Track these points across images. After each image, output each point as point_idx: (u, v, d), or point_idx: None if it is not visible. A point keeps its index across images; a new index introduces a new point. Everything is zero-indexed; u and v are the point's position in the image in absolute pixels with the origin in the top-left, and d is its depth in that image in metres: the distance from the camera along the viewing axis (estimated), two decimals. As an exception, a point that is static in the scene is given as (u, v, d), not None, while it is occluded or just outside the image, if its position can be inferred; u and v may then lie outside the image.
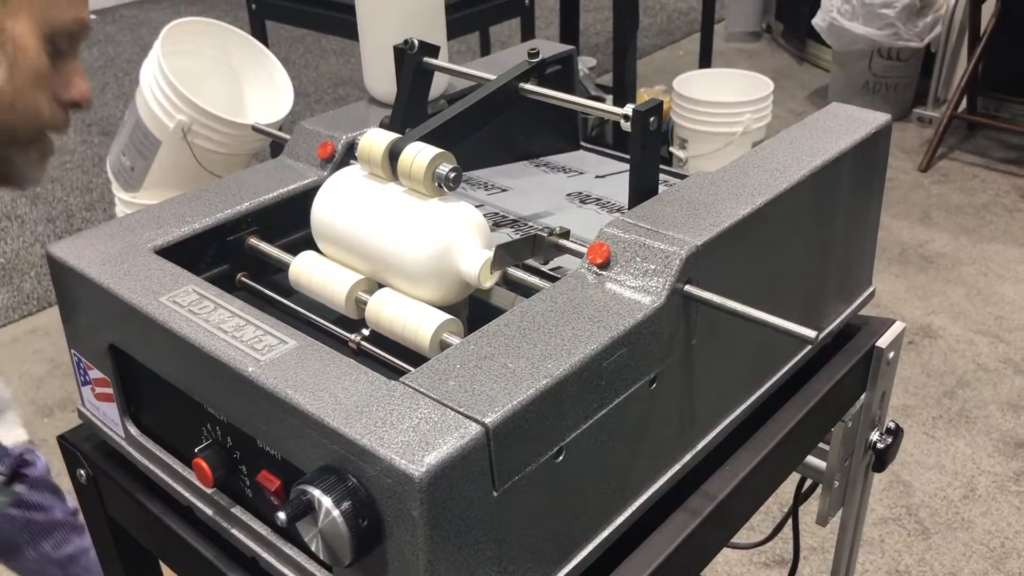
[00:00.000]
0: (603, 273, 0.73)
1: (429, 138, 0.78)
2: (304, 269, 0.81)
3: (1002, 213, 3.15)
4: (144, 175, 2.27)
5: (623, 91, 2.88)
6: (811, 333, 0.66)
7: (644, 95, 3.49)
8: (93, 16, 0.87)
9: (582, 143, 1.19)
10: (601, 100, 3.10)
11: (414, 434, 0.57)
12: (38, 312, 2.83)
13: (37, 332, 2.73)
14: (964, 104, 3.53)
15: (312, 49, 4.88)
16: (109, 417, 0.83)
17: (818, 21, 3.68)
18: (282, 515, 0.57)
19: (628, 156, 1.14)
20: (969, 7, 3.41)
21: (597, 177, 1.09)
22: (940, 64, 3.71)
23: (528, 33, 2.72)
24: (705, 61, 3.77)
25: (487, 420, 0.58)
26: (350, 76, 4.57)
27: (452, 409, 0.59)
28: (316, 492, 0.58)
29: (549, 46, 1.10)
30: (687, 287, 0.71)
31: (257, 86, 2.37)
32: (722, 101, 3.21)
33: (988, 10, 3.39)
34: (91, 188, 3.51)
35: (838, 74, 3.88)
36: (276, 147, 2.93)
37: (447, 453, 0.56)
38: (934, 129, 3.49)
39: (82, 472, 0.89)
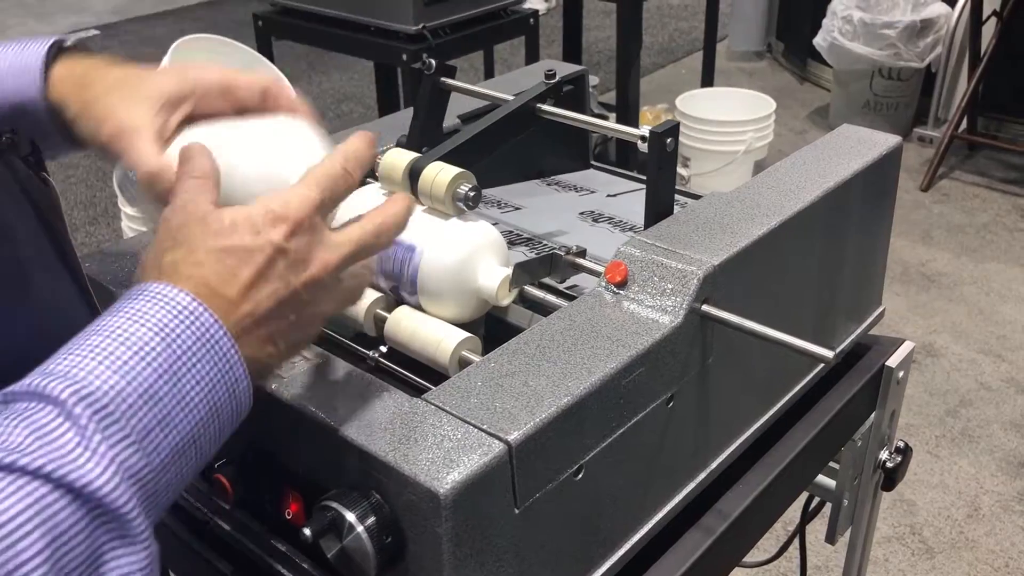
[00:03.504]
0: (621, 292, 0.73)
1: (447, 157, 0.79)
2: (323, 286, 0.81)
3: (1003, 233, 3.17)
4: (150, 190, 2.28)
5: (627, 109, 2.89)
6: (828, 353, 0.66)
7: (647, 113, 3.50)
8: (96, 32, 0.84)
9: (592, 162, 1.20)
10: (604, 118, 3.11)
11: (438, 451, 0.58)
12: (41, 326, 2.84)
13: (40, 346, 2.73)
14: (964, 124, 3.55)
15: (316, 65, 4.90)
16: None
17: (819, 41, 3.71)
18: (307, 531, 0.58)
19: (636, 175, 1.15)
20: (969, 28, 3.44)
21: (608, 196, 1.10)
22: (940, 84, 3.73)
23: (532, 51, 2.73)
24: (707, 80, 3.79)
25: (510, 438, 0.59)
26: (353, 92, 4.59)
27: (475, 427, 0.60)
28: (340, 508, 0.58)
29: (561, 67, 1.11)
30: (704, 307, 0.71)
31: (264, 102, 2.38)
32: (724, 120, 3.23)
33: (988, 31, 3.41)
34: (95, 202, 3.52)
35: (839, 93, 3.91)
36: (281, 163, 2.93)
37: (471, 471, 0.57)
38: (935, 149, 3.51)
39: (97, 487, 0.89)
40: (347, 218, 0.61)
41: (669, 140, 0.77)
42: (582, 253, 0.80)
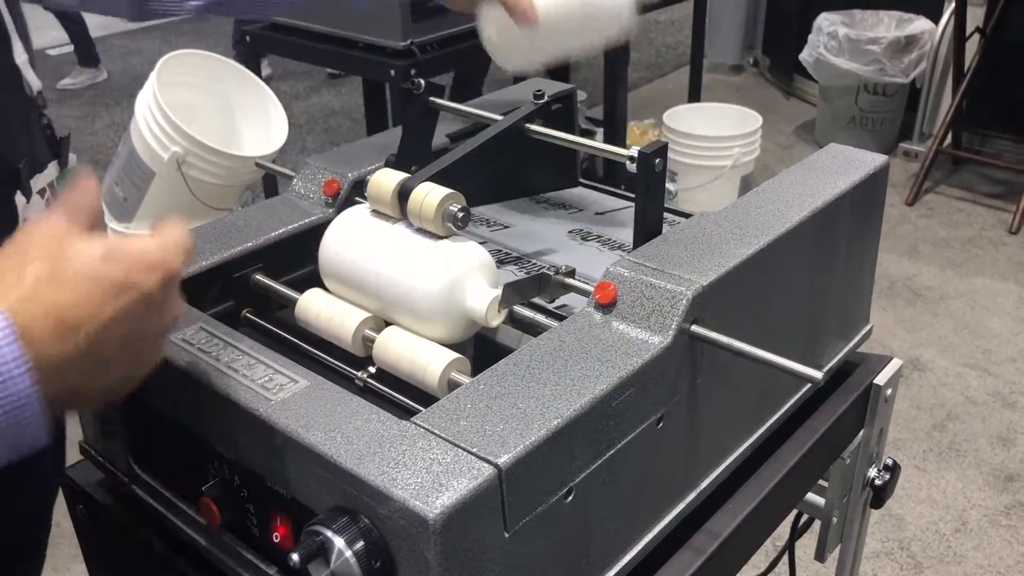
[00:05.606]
0: (610, 313, 0.73)
1: (437, 177, 0.79)
2: (311, 306, 0.81)
3: (988, 247, 3.19)
4: (137, 206, 2.27)
5: (614, 125, 2.91)
6: (817, 374, 0.66)
7: (634, 129, 3.51)
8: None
9: (580, 180, 1.20)
10: (592, 133, 3.12)
11: (427, 475, 0.58)
12: (26, 342, 2.81)
13: (25, 362, 2.71)
14: (949, 139, 3.57)
15: (303, 80, 4.90)
16: (113, 454, 0.83)
17: (805, 56, 3.73)
18: (295, 556, 0.57)
19: (624, 192, 1.15)
20: (953, 44, 3.47)
21: (597, 214, 1.10)
22: (925, 99, 3.76)
23: (520, 67, 2.74)
24: (694, 95, 3.81)
25: (500, 461, 0.59)
26: (341, 107, 4.59)
27: (464, 450, 0.60)
28: (329, 533, 0.58)
29: (549, 85, 1.12)
30: (693, 327, 0.71)
31: (251, 118, 2.38)
32: (711, 135, 3.24)
33: (972, 47, 3.44)
34: (81, 217, 3.50)
35: (825, 109, 3.93)
36: (269, 179, 2.93)
37: (460, 495, 0.56)
38: (920, 163, 3.53)
39: (83, 508, 0.88)
40: None
41: (658, 160, 0.77)
42: (571, 273, 0.80)
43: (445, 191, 0.75)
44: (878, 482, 1.06)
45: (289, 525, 0.67)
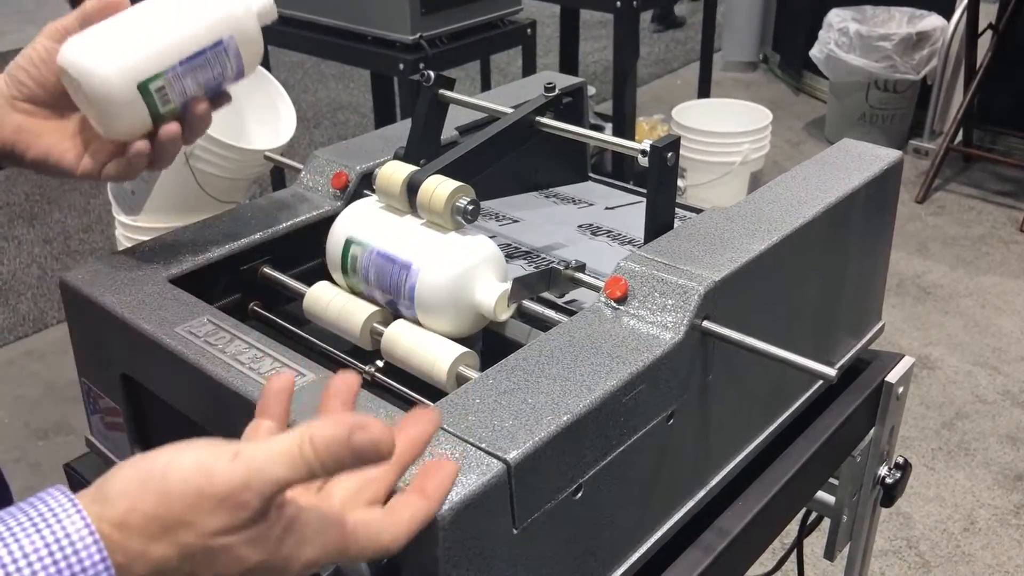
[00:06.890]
0: (620, 308, 0.72)
1: (446, 170, 0.78)
2: (319, 299, 0.80)
3: (998, 245, 3.17)
4: (145, 198, 2.27)
5: (623, 121, 2.89)
6: (831, 371, 0.66)
7: (643, 124, 3.50)
8: None
9: (590, 174, 1.20)
10: (600, 129, 3.11)
11: (436, 470, 0.57)
12: (34, 334, 2.81)
13: (32, 354, 2.71)
14: (960, 136, 3.55)
15: (311, 74, 4.89)
16: (118, 447, 0.82)
17: (815, 53, 3.71)
18: (302, 552, 0.57)
19: (634, 187, 1.15)
20: (965, 41, 3.44)
21: (607, 209, 1.09)
22: (936, 97, 3.73)
23: (529, 62, 2.73)
24: (703, 91, 3.79)
25: (509, 457, 0.58)
26: (349, 101, 4.58)
27: (473, 445, 0.59)
28: (336, 528, 0.57)
29: (559, 78, 1.11)
30: (705, 323, 0.71)
31: (259, 111, 2.38)
32: (721, 131, 3.23)
33: (984, 44, 3.42)
34: (89, 210, 3.50)
35: (835, 105, 3.91)
36: (277, 172, 2.93)
37: (469, 491, 0.56)
38: (930, 161, 3.51)
39: (89, 501, 0.88)
40: None
41: (670, 155, 0.77)
42: (581, 267, 0.80)
43: (455, 184, 0.75)
44: (889, 480, 1.05)
45: (295, 520, 0.66)
